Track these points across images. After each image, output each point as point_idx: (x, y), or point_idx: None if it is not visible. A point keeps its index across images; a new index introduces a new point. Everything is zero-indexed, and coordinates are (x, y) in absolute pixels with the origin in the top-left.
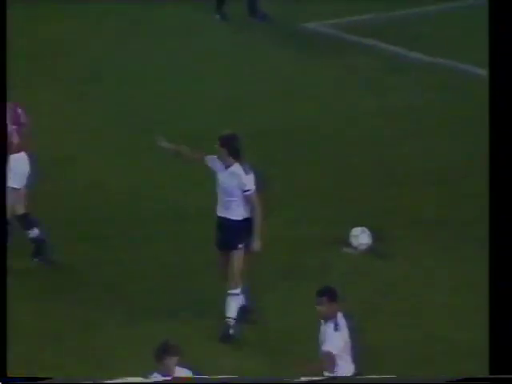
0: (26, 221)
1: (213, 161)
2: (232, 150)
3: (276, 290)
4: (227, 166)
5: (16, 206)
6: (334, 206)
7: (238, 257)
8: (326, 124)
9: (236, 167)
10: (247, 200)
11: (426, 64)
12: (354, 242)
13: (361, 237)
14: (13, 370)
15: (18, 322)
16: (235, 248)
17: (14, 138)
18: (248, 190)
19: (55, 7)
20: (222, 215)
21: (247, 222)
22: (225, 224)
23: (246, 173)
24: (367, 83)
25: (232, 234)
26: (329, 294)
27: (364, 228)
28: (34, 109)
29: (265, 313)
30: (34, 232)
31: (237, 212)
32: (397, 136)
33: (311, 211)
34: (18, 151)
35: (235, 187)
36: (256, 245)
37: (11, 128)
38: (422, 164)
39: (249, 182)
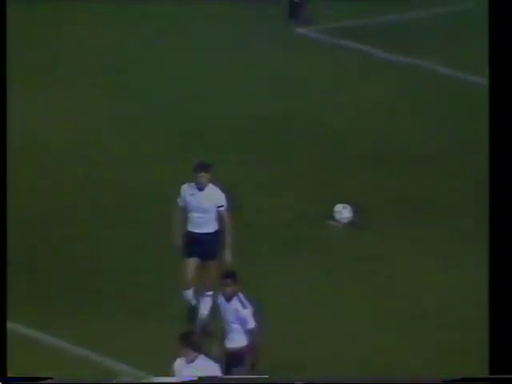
0: None
1: (184, 196)
2: (212, 175)
3: (276, 257)
4: (201, 189)
5: None
6: (326, 187)
7: (215, 265)
8: (326, 115)
9: (212, 187)
10: (220, 215)
11: (411, 66)
12: (337, 216)
13: (342, 212)
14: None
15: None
16: (214, 258)
17: None
18: (222, 206)
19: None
20: (197, 231)
21: (218, 233)
22: (201, 238)
23: (222, 191)
24: (355, 79)
25: (209, 245)
26: (233, 276)
27: (345, 204)
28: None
29: (265, 285)
30: None
31: (210, 226)
32: (387, 124)
33: (307, 191)
34: None
35: (212, 205)
36: (228, 256)
37: None
38: (411, 149)
39: (223, 199)
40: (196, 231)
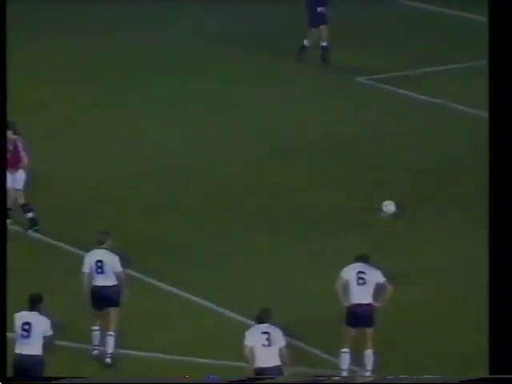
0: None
1: (349, 273)
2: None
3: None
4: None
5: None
6: (377, 190)
7: (372, 332)
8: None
9: (371, 269)
10: (377, 288)
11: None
12: (384, 209)
13: (388, 206)
14: None
15: None
16: (372, 326)
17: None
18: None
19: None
20: (359, 302)
21: (373, 304)
22: (363, 309)
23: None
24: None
25: (370, 315)
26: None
27: (391, 201)
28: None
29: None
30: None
31: (370, 298)
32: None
33: (368, 192)
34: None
35: (374, 281)
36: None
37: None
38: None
39: (381, 275)
40: (358, 302)
